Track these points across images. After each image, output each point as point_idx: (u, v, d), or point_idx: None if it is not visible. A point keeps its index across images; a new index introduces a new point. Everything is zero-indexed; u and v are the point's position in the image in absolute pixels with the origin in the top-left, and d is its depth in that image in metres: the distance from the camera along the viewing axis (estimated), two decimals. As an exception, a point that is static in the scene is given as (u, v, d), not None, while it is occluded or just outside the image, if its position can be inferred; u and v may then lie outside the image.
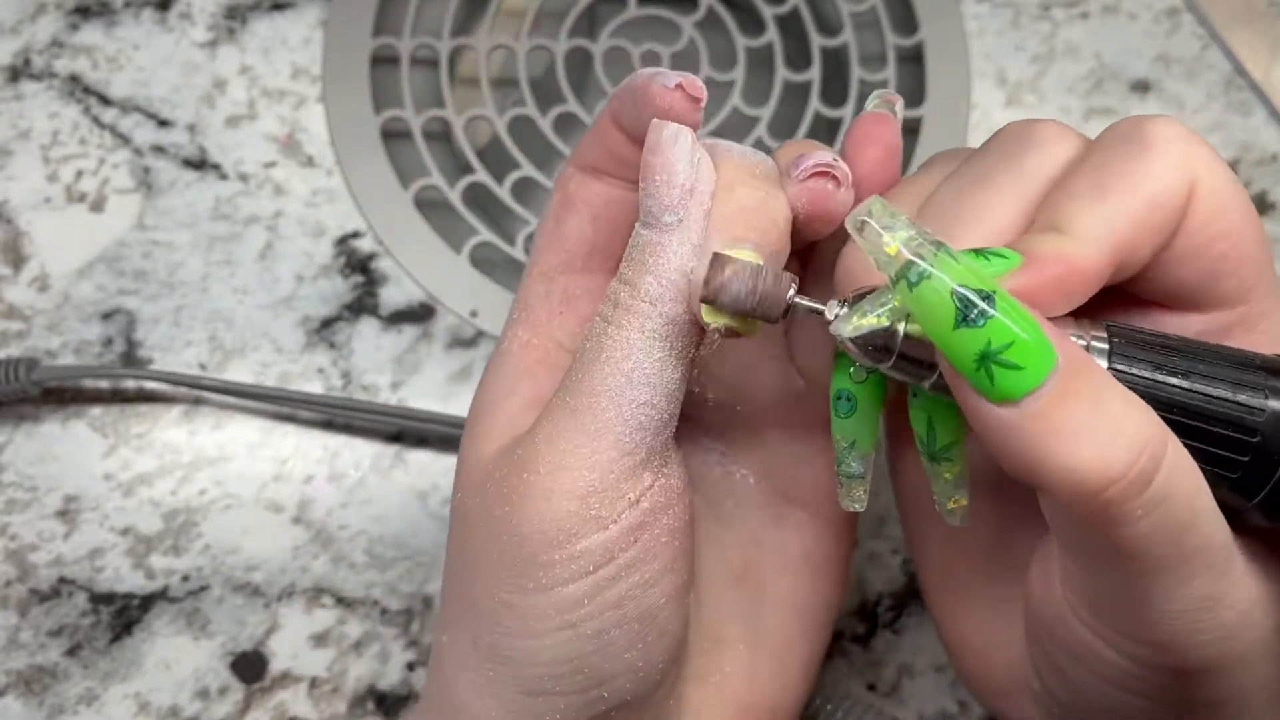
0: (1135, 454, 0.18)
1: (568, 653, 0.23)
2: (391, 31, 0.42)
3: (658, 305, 0.22)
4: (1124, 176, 0.21)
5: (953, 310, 0.19)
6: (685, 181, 0.22)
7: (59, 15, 0.40)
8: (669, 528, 0.23)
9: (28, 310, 0.38)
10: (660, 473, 0.23)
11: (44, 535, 0.36)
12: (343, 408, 0.37)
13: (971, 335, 0.19)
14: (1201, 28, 0.44)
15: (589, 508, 0.22)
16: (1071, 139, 0.23)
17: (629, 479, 0.22)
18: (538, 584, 0.22)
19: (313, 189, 0.40)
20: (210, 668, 0.35)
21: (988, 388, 0.19)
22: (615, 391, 0.22)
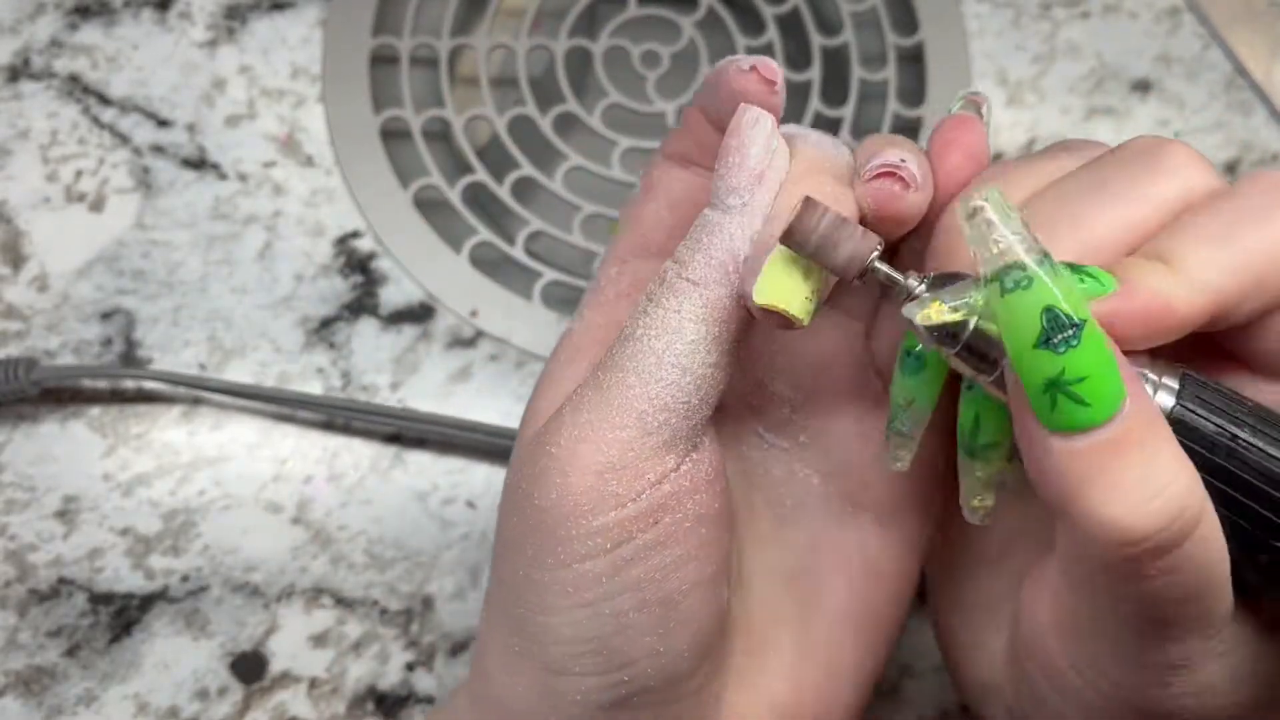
0: (1168, 520, 0.18)
1: (586, 632, 0.23)
2: (391, 31, 0.42)
3: (700, 286, 0.22)
4: (1258, 226, 0.20)
5: (1039, 328, 0.18)
6: (756, 166, 0.22)
7: (58, 15, 0.40)
8: (694, 514, 0.23)
9: (27, 310, 0.38)
10: (688, 457, 0.23)
11: (43, 535, 0.36)
12: (343, 408, 0.37)
13: (1048, 359, 0.18)
14: (1202, 27, 0.44)
15: (606, 484, 0.22)
16: (1203, 169, 0.22)
17: (650, 459, 0.22)
18: (556, 559, 0.22)
19: (312, 189, 0.40)
20: (209, 668, 0.35)
21: (1047, 414, 0.19)
22: (643, 370, 0.22)
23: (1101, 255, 0.21)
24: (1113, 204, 0.21)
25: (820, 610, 0.27)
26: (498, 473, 0.37)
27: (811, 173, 0.22)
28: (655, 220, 0.25)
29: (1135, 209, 0.21)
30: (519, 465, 0.24)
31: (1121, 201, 0.21)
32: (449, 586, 0.36)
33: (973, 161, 0.23)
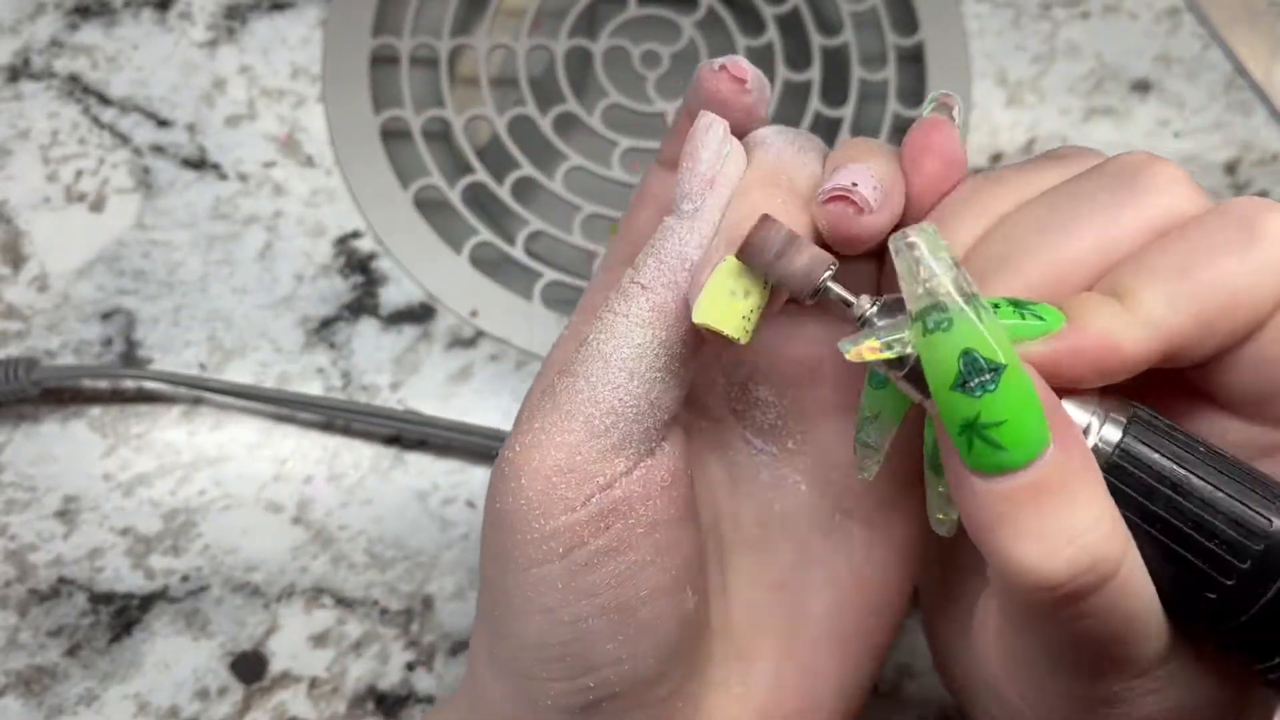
0: (1081, 569, 0.18)
1: (549, 637, 0.23)
2: (391, 31, 0.42)
3: (648, 290, 0.22)
4: (1214, 263, 0.20)
5: (956, 371, 0.18)
6: (708, 172, 0.22)
7: (58, 15, 0.40)
8: (647, 520, 0.23)
9: (27, 310, 0.38)
10: (641, 462, 0.23)
11: (43, 535, 0.36)
12: (343, 410, 0.37)
13: (965, 401, 0.18)
14: (1202, 27, 0.44)
15: (555, 488, 0.22)
16: (1186, 192, 0.21)
17: (599, 462, 0.22)
18: (514, 563, 0.22)
19: (312, 189, 0.40)
20: (210, 668, 0.35)
21: (966, 454, 0.19)
22: (591, 374, 0.22)
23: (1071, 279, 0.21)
24: (1087, 226, 0.21)
25: (806, 619, 0.26)
26: (498, 473, 0.38)
27: (764, 183, 0.22)
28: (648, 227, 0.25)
29: (1109, 232, 0.21)
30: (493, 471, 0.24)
31: (1096, 224, 0.21)
32: (449, 586, 0.36)
33: (948, 167, 0.23)
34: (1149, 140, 0.43)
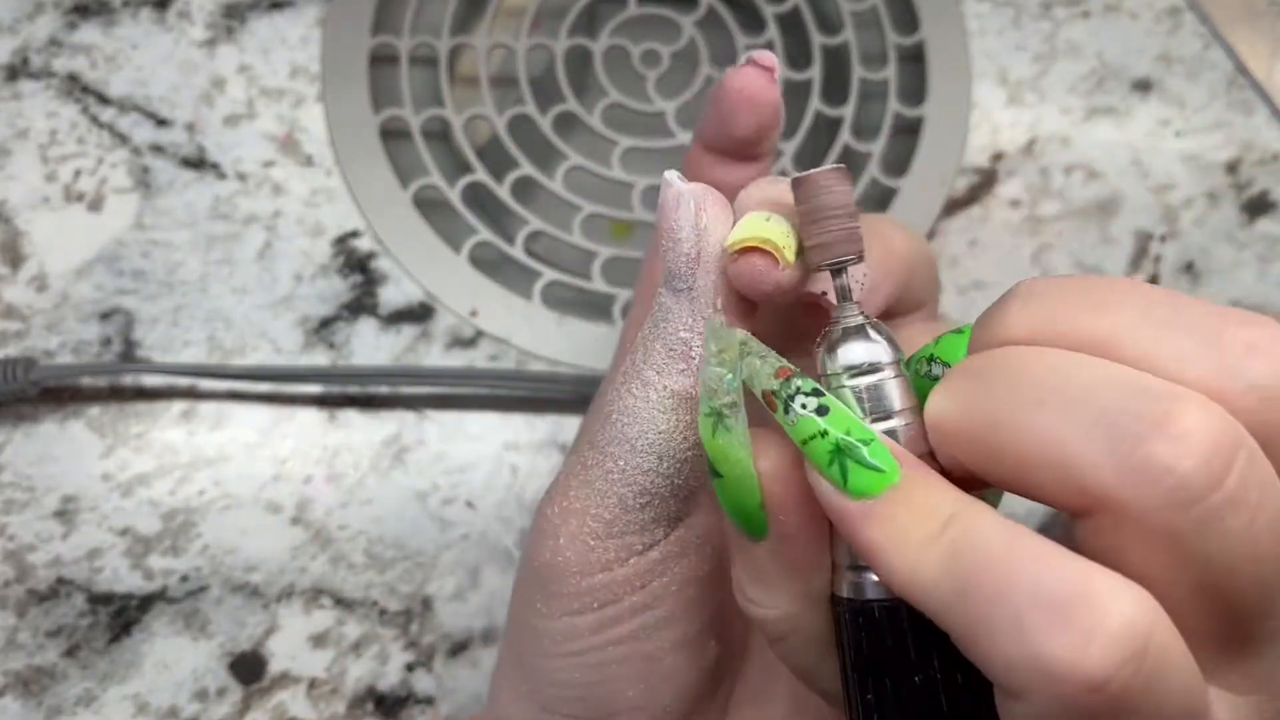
0: None
1: (574, 678, 0.24)
2: (390, 30, 0.42)
3: (663, 376, 0.22)
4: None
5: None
6: (690, 250, 0.21)
7: (57, 14, 0.40)
8: (681, 577, 0.23)
9: (26, 310, 0.37)
10: (676, 524, 0.23)
11: (42, 535, 0.36)
12: (342, 375, 0.37)
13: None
14: (1203, 27, 0.44)
15: (593, 551, 0.23)
16: None
17: (635, 533, 0.23)
18: (549, 610, 0.23)
19: (311, 188, 0.40)
20: (209, 668, 0.35)
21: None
22: (620, 456, 0.22)
23: None
24: None
25: None
26: (498, 474, 0.37)
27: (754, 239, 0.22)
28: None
29: None
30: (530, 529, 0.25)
31: None
32: (449, 587, 0.36)
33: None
34: (1150, 140, 0.43)
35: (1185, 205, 0.42)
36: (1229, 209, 0.42)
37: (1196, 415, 0.16)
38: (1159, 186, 0.42)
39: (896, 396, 0.19)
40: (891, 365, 0.19)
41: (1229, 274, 0.42)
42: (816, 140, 0.43)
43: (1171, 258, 0.42)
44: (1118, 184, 0.42)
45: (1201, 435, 0.16)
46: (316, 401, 0.37)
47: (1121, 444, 0.16)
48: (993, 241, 0.41)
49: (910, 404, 0.19)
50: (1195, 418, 0.16)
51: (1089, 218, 0.42)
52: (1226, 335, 0.17)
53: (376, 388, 0.38)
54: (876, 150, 0.42)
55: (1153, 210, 0.42)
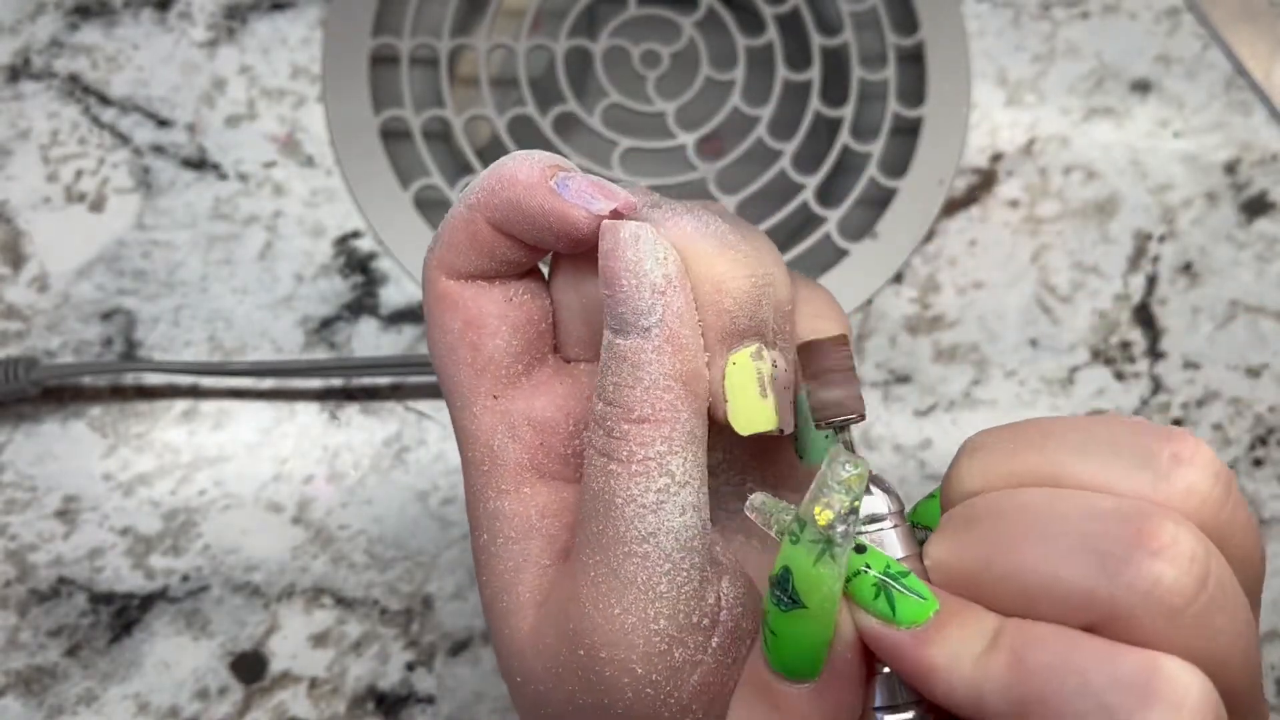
0: None
1: None
2: (391, 31, 0.42)
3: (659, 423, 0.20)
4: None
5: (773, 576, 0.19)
6: (656, 281, 0.20)
7: (58, 15, 0.40)
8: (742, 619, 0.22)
9: (27, 310, 0.38)
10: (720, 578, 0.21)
11: (43, 535, 0.36)
12: (339, 368, 0.37)
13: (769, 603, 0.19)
14: (1202, 27, 0.44)
15: (674, 654, 0.20)
16: None
17: (698, 607, 0.21)
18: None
19: (312, 189, 0.40)
20: (210, 668, 0.35)
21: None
22: (648, 532, 0.20)
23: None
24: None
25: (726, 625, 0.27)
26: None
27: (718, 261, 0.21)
28: (507, 353, 0.23)
29: None
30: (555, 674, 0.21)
31: None
32: (449, 586, 0.36)
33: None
34: (1149, 140, 0.43)
35: (1184, 205, 0.42)
36: (1227, 209, 0.42)
37: (1171, 528, 0.18)
38: (1158, 187, 0.42)
39: (900, 544, 0.20)
40: (895, 515, 0.20)
41: (1227, 274, 0.42)
42: (816, 141, 0.43)
43: (1170, 258, 0.42)
44: (1117, 184, 0.42)
45: (1180, 545, 0.17)
46: (317, 402, 0.38)
47: (1109, 564, 0.17)
48: (992, 242, 0.41)
49: (913, 550, 0.20)
50: (1170, 531, 0.18)
51: (1088, 218, 0.42)
52: (1155, 450, 0.19)
53: (378, 386, 0.38)
54: (876, 150, 0.42)
55: (1151, 210, 0.42)
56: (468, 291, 0.22)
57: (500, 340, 0.22)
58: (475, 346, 0.22)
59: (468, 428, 0.23)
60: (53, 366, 0.36)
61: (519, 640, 0.22)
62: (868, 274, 0.41)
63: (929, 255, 0.41)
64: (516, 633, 0.22)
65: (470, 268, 0.22)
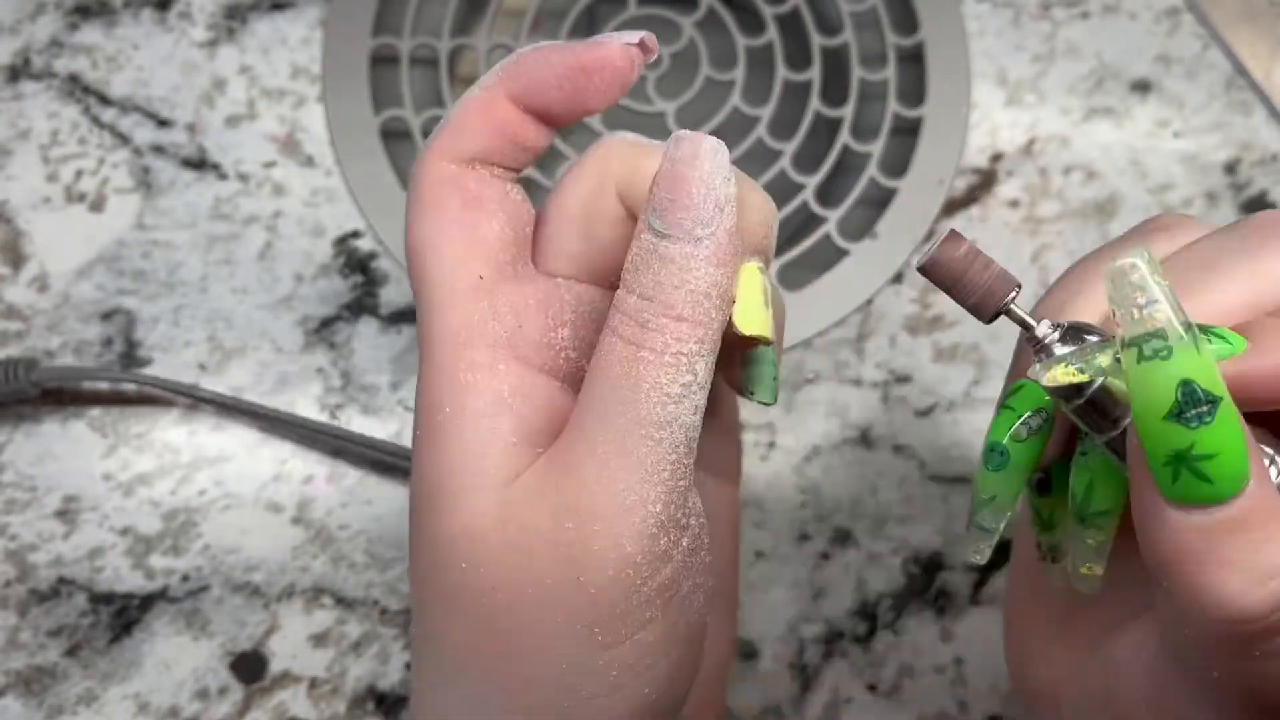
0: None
1: (645, 699, 0.22)
2: (391, 31, 0.42)
3: (696, 324, 0.21)
4: None
5: (1173, 401, 0.18)
6: (720, 197, 0.21)
7: (58, 15, 0.40)
8: (706, 544, 0.23)
9: (27, 310, 0.38)
10: (692, 490, 0.22)
11: (43, 535, 0.36)
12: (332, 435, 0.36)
13: (1179, 432, 0.18)
14: (1202, 27, 0.44)
15: (657, 544, 0.21)
16: None
17: (682, 504, 0.22)
18: (616, 636, 0.21)
19: (312, 189, 0.40)
20: (210, 668, 0.35)
21: (1168, 485, 0.18)
22: (666, 420, 0.21)
23: (1223, 323, 0.21)
24: (1233, 275, 0.21)
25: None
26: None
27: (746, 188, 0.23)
28: (501, 240, 0.23)
29: (1257, 279, 0.21)
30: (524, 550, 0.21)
31: (1242, 273, 0.21)
32: (449, 586, 0.36)
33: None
34: (1149, 140, 0.43)
35: (1184, 206, 0.42)
36: (1227, 209, 0.42)
37: None
38: (1158, 187, 0.42)
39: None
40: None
41: (1228, 274, 0.42)
42: (816, 141, 0.43)
43: (1170, 258, 0.42)
44: (1116, 184, 0.42)
45: None
46: (317, 402, 0.38)
47: None
48: (992, 242, 0.41)
49: None
50: None
51: (1088, 218, 0.42)
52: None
53: (378, 386, 0.38)
54: (876, 151, 0.42)
55: (1151, 210, 0.42)
56: (469, 175, 0.23)
57: (496, 224, 0.23)
58: (472, 226, 0.23)
59: (445, 303, 0.22)
60: (53, 369, 0.36)
61: (478, 519, 0.21)
62: (868, 274, 0.41)
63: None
64: (475, 511, 0.21)
65: (477, 149, 0.23)
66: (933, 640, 0.37)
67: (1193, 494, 0.18)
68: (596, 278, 0.24)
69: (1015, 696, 0.28)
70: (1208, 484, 0.18)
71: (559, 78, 0.22)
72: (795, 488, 0.38)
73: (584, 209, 0.24)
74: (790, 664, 0.37)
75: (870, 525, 0.38)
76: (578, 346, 0.23)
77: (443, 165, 0.23)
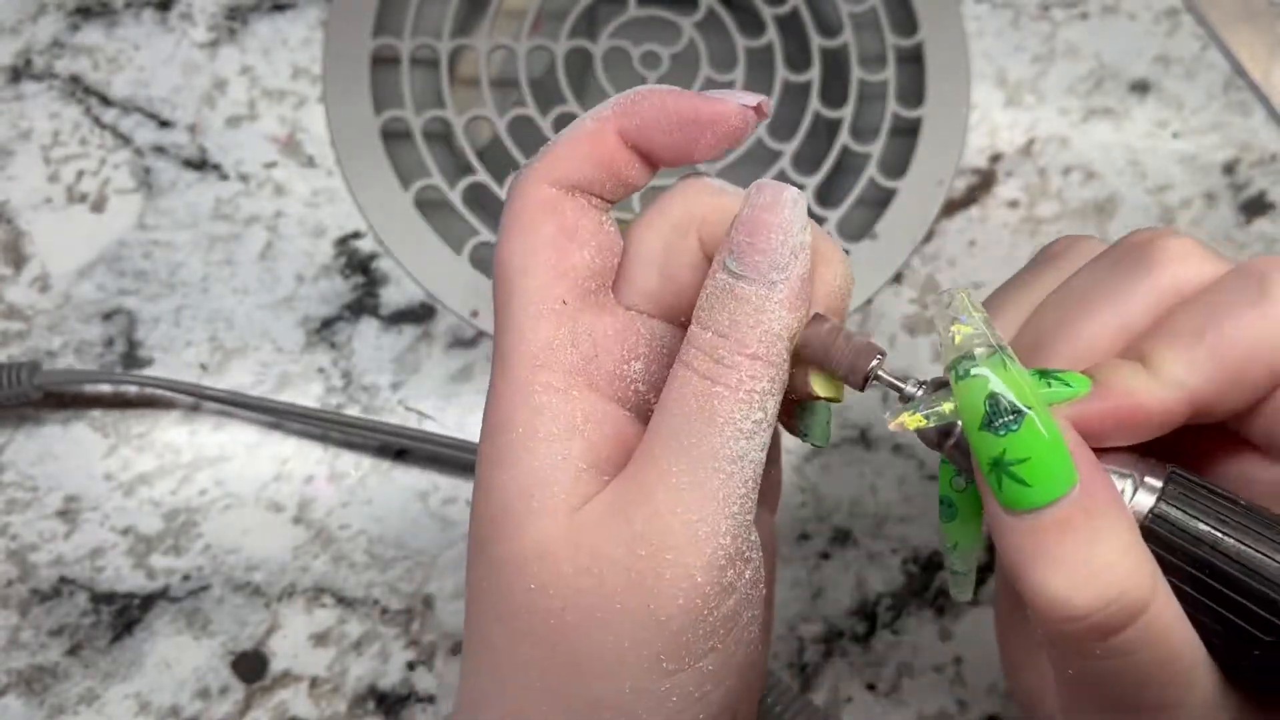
0: (1104, 601, 0.19)
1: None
2: (392, 32, 0.42)
3: (770, 364, 0.22)
4: (1229, 322, 0.21)
5: (983, 412, 0.20)
6: (796, 245, 0.22)
7: (60, 15, 0.41)
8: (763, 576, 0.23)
9: (28, 310, 0.38)
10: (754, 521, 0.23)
11: (45, 535, 0.36)
12: (338, 423, 0.37)
13: (991, 440, 0.20)
14: (1201, 28, 0.44)
15: (725, 576, 0.21)
16: (1197, 259, 0.22)
17: (748, 537, 0.22)
18: (680, 663, 0.22)
19: (313, 189, 0.40)
20: (211, 667, 0.35)
21: (995, 491, 0.20)
22: (739, 455, 0.21)
23: (1095, 357, 0.22)
24: (1103, 309, 0.22)
25: None
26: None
27: (833, 253, 0.24)
28: (589, 269, 0.24)
29: (1124, 310, 0.22)
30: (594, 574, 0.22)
31: (1110, 305, 0.22)
32: (450, 586, 0.36)
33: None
34: (1148, 141, 0.43)
35: (1183, 206, 0.42)
36: (1226, 209, 0.42)
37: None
38: (1157, 187, 0.42)
39: None
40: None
41: (1227, 274, 0.42)
42: (815, 142, 0.43)
43: (1169, 258, 0.42)
44: (1116, 184, 0.42)
45: None
46: (318, 401, 0.38)
47: None
48: (991, 242, 0.41)
49: None
50: None
51: (1087, 218, 0.42)
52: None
53: (379, 386, 0.38)
54: (875, 151, 0.42)
55: (1150, 211, 0.42)
56: (567, 202, 0.23)
57: (587, 253, 0.24)
58: (563, 251, 0.23)
59: (527, 324, 0.23)
60: (55, 372, 0.36)
61: (549, 542, 0.22)
62: (868, 274, 0.41)
63: (928, 256, 0.41)
64: (545, 534, 0.22)
65: (579, 178, 0.23)
66: (932, 640, 0.37)
67: (1016, 498, 0.20)
68: (670, 315, 0.24)
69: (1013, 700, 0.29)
70: (1025, 487, 0.20)
71: (672, 124, 0.23)
72: (795, 487, 0.38)
73: (665, 249, 0.24)
74: (790, 663, 0.37)
75: (870, 525, 0.38)
76: (647, 380, 0.24)
77: (543, 188, 0.23)
